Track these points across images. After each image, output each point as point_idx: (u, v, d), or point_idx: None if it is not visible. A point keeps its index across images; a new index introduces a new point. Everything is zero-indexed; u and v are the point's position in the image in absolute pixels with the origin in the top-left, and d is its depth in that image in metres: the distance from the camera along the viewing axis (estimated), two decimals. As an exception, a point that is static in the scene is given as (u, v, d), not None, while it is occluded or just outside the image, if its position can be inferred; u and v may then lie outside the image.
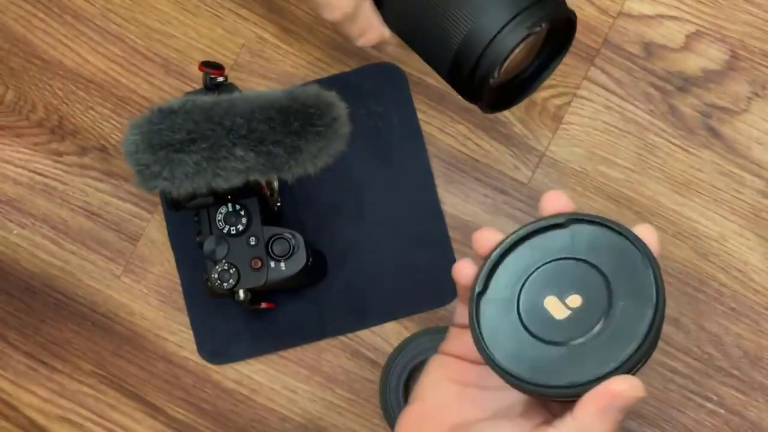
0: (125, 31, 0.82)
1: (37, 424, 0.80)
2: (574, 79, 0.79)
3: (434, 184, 0.79)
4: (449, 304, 0.79)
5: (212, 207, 0.69)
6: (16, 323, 0.81)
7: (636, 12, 0.79)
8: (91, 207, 0.81)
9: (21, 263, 0.81)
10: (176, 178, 0.62)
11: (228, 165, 0.62)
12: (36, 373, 0.80)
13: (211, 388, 0.80)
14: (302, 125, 0.62)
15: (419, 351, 0.77)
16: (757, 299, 0.77)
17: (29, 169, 0.82)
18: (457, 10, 0.58)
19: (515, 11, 0.57)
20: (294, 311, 0.79)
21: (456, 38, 0.58)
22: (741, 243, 0.78)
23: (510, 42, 0.57)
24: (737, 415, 0.77)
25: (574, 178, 0.79)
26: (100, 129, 0.82)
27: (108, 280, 0.81)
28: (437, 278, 0.79)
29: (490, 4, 0.57)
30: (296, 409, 0.79)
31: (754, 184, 0.78)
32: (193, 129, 0.61)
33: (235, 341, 0.79)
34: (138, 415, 0.80)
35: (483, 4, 0.57)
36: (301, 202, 0.80)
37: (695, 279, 0.78)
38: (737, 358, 0.77)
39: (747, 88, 0.78)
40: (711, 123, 0.78)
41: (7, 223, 0.82)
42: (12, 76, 0.83)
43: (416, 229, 0.79)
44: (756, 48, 0.78)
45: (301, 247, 0.70)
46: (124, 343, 0.80)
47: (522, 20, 0.57)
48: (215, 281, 0.69)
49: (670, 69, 0.79)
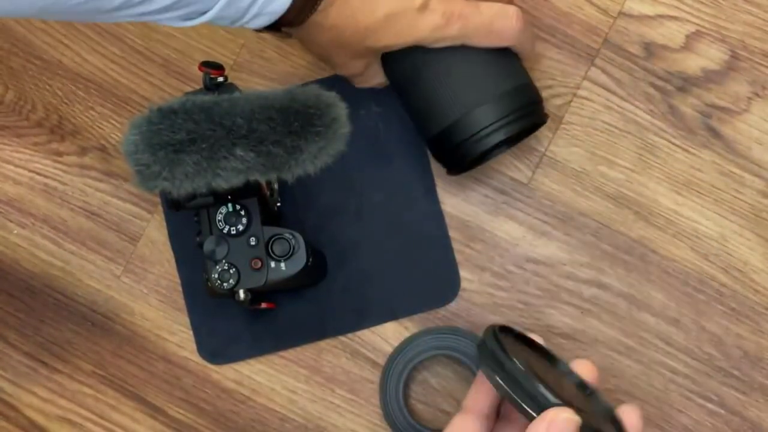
0: (125, 31, 0.82)
1: (37, 424, 0.80)
2: (574, 79, 0.79)
3: (434, 184, 0.79)
4: (449, 304, 0.79)
5: (212, 207, 0.69)
6: (16, 323, 0.81)
7: (636, 12, 0.79)
8: (91, 207, 0.81)
9: (21, 263, 0.81)
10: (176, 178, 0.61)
11: (228, 165, 0.61)
12: (36, 373, 0.80)
13: (211, 388, 0.80)
14: (302, 125, 0.62)
15: (419, 351, 0.77)
16: (757, 299, 0.77)
17: (29, 169, 0.82)
18: (456, 96, 0.69)
19: (501, 115, 0.69)
20: (294, 311, 0.79)
21: (444, 121, 0.70)
22: (741, 243, 0.78)
23: (491, 140, 0.69)
24: (737, 415, 0.77)
25: (574, 178, 0.79)
26: (100, 129, 0.82)
27: (108, 280, 0.81)
28: (437, 278, 0.79)
29: (482, 100, 0.69)
30: (296, 409, 0.79)
31: (754, 184, 0.78)
32: (193, 129, 0.61)
33: (235, 341, 0.79)
34: (138, 416, 0.80)
35: (477, 99, 0.69)
36: (301, 202, 0.80)
37: (695, 279, 0.78)
38: (737, 359, 0.77)
39: (747, 88, 0.78)
40: (711, 123, 0.78)
41: (7, 223, 0.82)
42: (12, 76, 0.83)
43: (416, 229, 0.79)
44: (756, 48, 0.78)
45: (301, 247, 0.70)
46: (124, 344, 0.80)
47: (506, 123, 0.69)
48: (215, 281, 0.69)
49: (670, 69, 0.79)
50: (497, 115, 0.69)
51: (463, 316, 0.79)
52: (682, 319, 0.77)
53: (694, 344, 0.77)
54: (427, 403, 0.79)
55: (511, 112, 0.69)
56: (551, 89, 0.79)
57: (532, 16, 0.80)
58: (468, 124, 0.69)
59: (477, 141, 0.69)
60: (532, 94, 0.71)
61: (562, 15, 0.79)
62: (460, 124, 0.69)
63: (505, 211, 0.79)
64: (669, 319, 0.78)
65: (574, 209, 0.79)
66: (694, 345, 0.77)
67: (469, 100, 0.69)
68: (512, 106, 0.69)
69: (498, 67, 0.70)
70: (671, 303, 0.78)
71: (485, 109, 0.69)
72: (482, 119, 0.69)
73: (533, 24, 0.79)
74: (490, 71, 0.69)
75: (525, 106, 0.70)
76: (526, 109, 0.70)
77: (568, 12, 0.79)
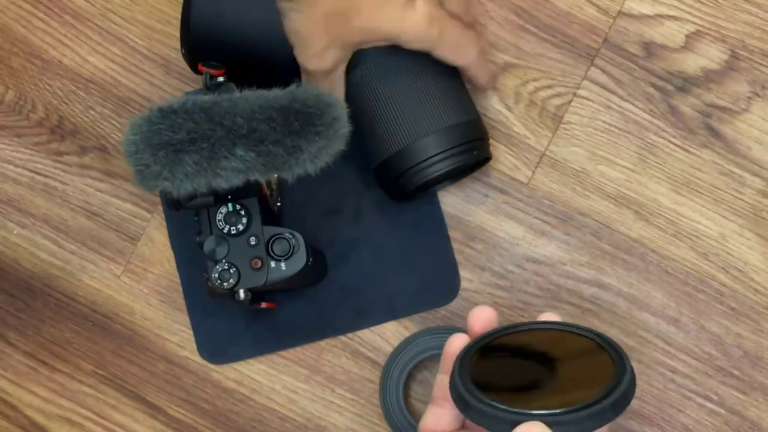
0: (125, 31, 0.82)
1: (37, 424, 0.80)
2: (574, 79, 0.79)
3: (434, 184, 0.79)
4: (449, 304, 0.79)
5: (212, 207, 0.69)
6: (16, 323, 0.81)
7: (636, 12, 0.79)
8: (91, 207, 0.81)
9: (21, 263, 0.81)
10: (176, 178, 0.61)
11: (228, 165, 0.61)
12: (36, 373, 0.80)
13: (211, 388, 0.80)
14: (302, 125, 0.62)
15: (419, 351, 0.77)
16: (757, 299, 0.77)
17: (29, 169, 0.82)
18: (400, 125, 0.70)
19: (444, 146, 0.69)
20: (294, 311, 0.79)
21: (389, 149, 0.70)
22: (741, 243, 0.78)
23: (433, 171, 0.70)
24: (737, 414, 0.77)
25: (574, 178, 0.79)
26: (100, 129, 0.82)
27: (108, 280, 0.81)
28: (437, 278, 0.79)
29: (427, 132, 0.69)
30: (296, 409, 0.79)
31: (754, 184, 0.78)
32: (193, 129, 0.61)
33: (235, 341, 0.79)
34: (138, 415, 0.80)
35: (421, 130, 0.69)
36: (301, 202, 0.80)
37: (695, 279, 0.78)
38: (737, 358, 0.77)
39: (747, 88, 0.78)
40: (711, 123, 0.78)
41: (7, 223, 0.82)
42: (12, 76, 0.83)
43: (416, 229, 0.79)
44: (756, 48, 0.78)
45: (301, 247, 0.70)
46: (125, 343, 0.80)
47: (447, 156, 0.69)
48: (215, 281, 0.69)
49: (670, 69, 0.79)
50: (441, 147, 0.69)
51: (463, 316, 0.79)
52: (681, 318, 0.77)
53: (694, 344, 0.77)
54: (427, 402, 0.79)
55: (455, 146, 0.70)
56: (551, 89, 0.79)
57: (532, 15, 0.80)
58: (411, 154, 0.70)
59: (418, 172, 0.70)
60: (479, 130, 0.72)
61: (562, 15, 0.79)
62: (403, 153, 0.70)
63: (505, 211, 0.79)
64: (669, 318, 0.78)
65: (574, 209, 0.79)
66: (693, 345, 0.77)
67: (415, 130, 0.69)
68: (457, 140, 0.70)
69: (448, 101, 0.71)
70: (671, 303, 0.78)
71: (429, 141, 0.69)
72: (425, 150, 0.69)
73: (526, 29, 0.79)
74: (440, 104, 0.70)
75: (470, 141, 0.71)
76: (471, 144, 0.71)
77: (568, 12, 0.79)
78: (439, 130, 0.69)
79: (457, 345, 0.59)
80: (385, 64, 0.70)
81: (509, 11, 0.80)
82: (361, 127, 0.71)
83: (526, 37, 0.80)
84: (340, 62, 0.70)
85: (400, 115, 0.70)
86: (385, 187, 0.74)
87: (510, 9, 0.80)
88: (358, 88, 0.71)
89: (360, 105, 0.71)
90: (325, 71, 0.70)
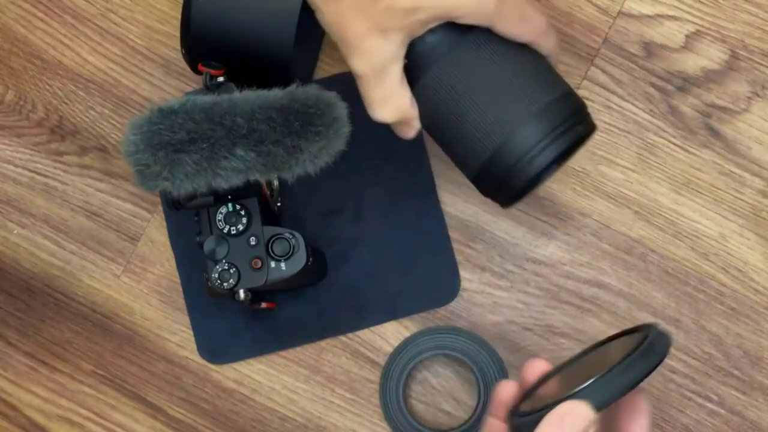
0: (125, 31, 0.82)
1: (37, 423, 0.80)
2: (574, 79, 0.79)
3: (434, 184, 0.79)
4: (449, 304, 0.79)
5: (212, 207, 0.69)
6: (16, 323, 0.81)
7: (636, 12, 0.79)
8: (91, 207, 0.81)
9: (21, 263, 0.81)
10: (176, 178, 0.61)
11: (228, 165, 0.62)
12: (36, 373, 0.80)
13: (211, 388, 0.80)
14: (302, 125, 0.62)
15: (419, 351, 0.77)
16: (757, 299, 0.77)
17: (29, 169, 0.82)
18: (491, 120, 0.61)
19: (547, 130, 0.60)
20: (294, 311, 0.79)
21: (486, 150, 0.61)
22: (741, 243, 0.78)
23: (542, 160, 0.61)
24: (737, 415, 0.77)
25: (574, 178, 0.79)
26: (100, 129, 0.82)
27: (108, 280, 0.81)
28: (437, 278, 0.79)
29: (522, 119, 0.60)
30: (296, 409, 0.79)
31: (754, 184, 0.78)
32: (193, 129, 0.61)
33: (235, 341, 0.79)
34: (138, 415, 0.80)
35: (516, 119, 0.60)
36: (301, 202, 0.80)
37: (695, 279, 0.78)
38: (737, 358, 0.77)
39: (747, 88, 0.78)
40: (711, 123, 0.78)
41: (7, 223, 0.82)
42: (12, 76, 0.83)
43: (416, 229, 0.79)
44: (756, 48, 0.78)
45: (301, 247, 0.70)
46: (125, 343, 0.80)
47: (553, 139, 0.61)
48: (215, 281, 0.69)
49: (670, 69, 0.79)
50: (543, 131, 0.61)
51: (463, 316, 0.79)
52: (682, 318, 0.77)
53: (694, 344, 0.77)
54: (427, 403, 0.79)
55: (557, 125, 0.61)
56: (551, 89, 0.79)
57: (532, 16, 0.80)
58: (512, 148, 0.61)
59: (526, 165, 0.61)
60: (576, 101, 0.64)
61: (562, 15, 0.79)
62: (503, 150, 0.61)
63: (505, 211, 0.79)
64: (669, 318, 0.78)
65: (574, 209, 0.79)
66: (694, 345, 0.77)
67: (509, 121, 0.61)
68: (558, 119, 0.61)
69: (534, 79, 0.62)
70: (671, 302, 0.78)
71: (529, 128, 0.60)
72: (527, 139, 0.60)
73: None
74: (527, 84, 0.61)
75: (571, 116, 0.62)
76: (574, 119, 0.62)
77: (568, 12, 0.79)
78: (536, 114, 0.60)
79: (508, 394, 0.57)
80: (451, 60, 0.61)
81: (509, 11, 0.80)
82: (444, 138, 0.64)
83: (526, 37, 0.80)
84: (390, 59, 0.61)
85: (487, 110, 0.61)
86: (491, 194, 0.65)
87: (510, 9, 0.80)
88: (429, 97, 0.63)
89: (436, 114, 0.63)
90: (375, 70, 0.61)
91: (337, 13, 0.60)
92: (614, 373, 0.50)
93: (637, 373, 0.50)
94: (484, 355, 0.77)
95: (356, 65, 0.61)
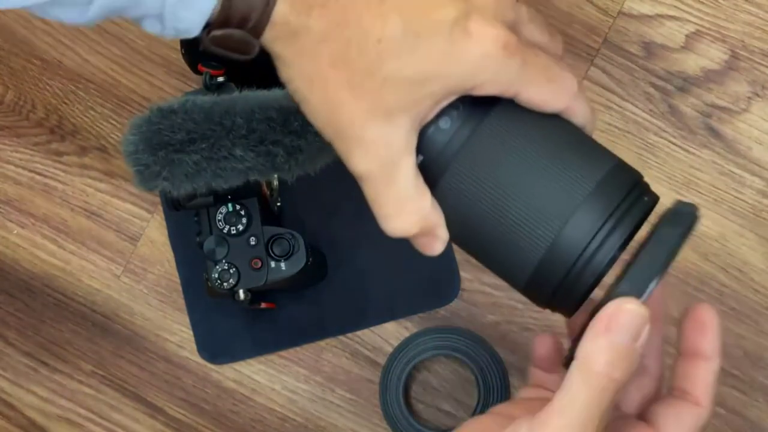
0: (125, 31, 0.82)
1: (37, 424, 0.80)
2: (574, 79, 0.79)
3: (434, 184, 0.79)
4: (449, 304, 0.79)
5: (212, 207, 0.69)
6: (16, 323, 0.81)
7: (636, 12, 0.79)
8: (91, 207, 0.81)
9: (21, 263, 0.81)
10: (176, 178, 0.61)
11: (228, 165, 0.61)
12: (36, 373, 0.80)
13: (211, 388, 0.80)
14: (302, 125, 0.62)
15: (419, 351, 0.77)
16: (758, 299, 0.77)
17: (29, 169, 0.82)
18: (535, 215, 0.47)
19: (606, 213, 0.47)
20: (294, 311, 0.79)
21: (534, 254, 0.47)
22: (741, 243, 0.78)
23: (608, 249, 0.47)
24: (738, 415, 0.77)
25: (574, 178, 0.79)
26: (100, 129, 0.82)
27: (108, 280, 0.81)
28: (437, 278, 0.79)
29: (574, 206, 0.47)
30: (296, 409, 0.79)
31: (754, 184, 0.78)
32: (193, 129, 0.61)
33: (235, 341, 0.79)
34: (138, 415, 0.80)
35: (567, 207, 0.47)
36: (301, 202, 0.80)
37: (695, 279, 0.77)
38: (738, 358, 0.77)
39: (747, 88, 0.78)
40: (711, 123, 0.78)
41: (7, 223, 0.82)
42: (12, 76, 0.83)
43: (416, 229, 0.79)
44: (756, 48, 0.78)
45: (301, 247, 0.70)
46: (124, 343, 0.80)
47: (616, 224, 0.47)
48: (215, 281, 0.69)
49: (670, 69, 0.79)
50: (602, 214, 0.47)
51: (463, 316, 0.79)
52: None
53: (694, 344, 0.77)
54: (427, 403, 0.79)
55: (619, 203, 0.48)
56: (551, 89, 0.79)
57: (532, 16, 0.80)
58: (568, 243, 0.47)
59: (589, 261, 0.47)
60: (629, 170, 0.50)
61: (562, 15, 0.79)
62: (556, 248, 0.47)
63: (505, 211, 0.79)
64: (669, 318, 0.77)
65: (574, 209, 0.79)
66: (694, 345, 0.77)
67: (557, 210, 0.47)
68: (618, 195, 0.48)
69: (578, 152, 0.48)
70: (671, 303, 0.78)
71: (583, 214, 0.47)
72: (585, 228, 0.47)
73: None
74: (570, 161, 0.47)
75: (631, 189, 0.48)
76: (635, 192, 0.49)
77: (568, 12, 0.79)
78: (589, 195, 0.47)
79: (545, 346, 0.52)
80: (475, 148, 0.48)
81: (509, 11, 0.80)
82: (479, 248, 0.51)
83: (526, 37, 0.80)
84: (400, 151, 0.48)
85: (529, 204, 0.47)
86: (548, 303, 0.50)
87: (510, 9, 0.80)
88: (454, 201, 0.49)
89: (467, 220, 0.49)
90: (383, 166, 0.48)
91: (326, 99, 0.48)
92: (647, 251, 0.43)
93: (669, 240, 0.43)
94: (484, 355, 0.77)
95: (359, 163, 0.49)
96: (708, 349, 0.49)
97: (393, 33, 0.44)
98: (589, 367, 0.42)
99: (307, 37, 0.45)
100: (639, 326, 0.43)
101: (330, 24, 0.44)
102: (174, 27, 0.45)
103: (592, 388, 0.42)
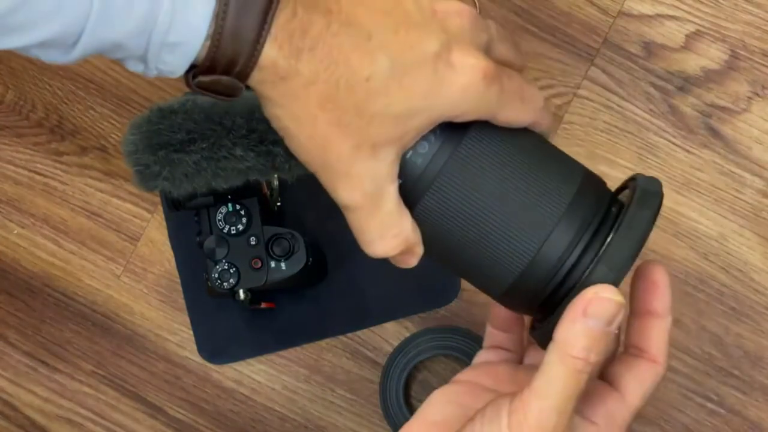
0: (125, 31, 0.82)
1: (37, 423, 0.80)
2: (574, 78, 0.79)
3: (434, 184, 0.79)
4: (449, 304, 0.79)
5: (212, 207, 0.69)
6: (16, 323, 0.81)
7: (636, 12, 0.79)
8: (91, 207, 0.81)
9: (21, 263, 0.81)
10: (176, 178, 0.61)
11: (228, 165, 0.61)
12: (36, 373, 0.80)
13: (211, 388, 0.80)
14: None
15: (419, 351, 0.77)
16: (758, 299, 0.77)
17: (29, 169, 0.82)
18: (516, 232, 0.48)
19: (587, 219, 0.48)
20: (294, 311, 0.79)
21: (515, 267, 0.49)
22: (741, 243, 0.78)
23: (582, 265, 0.48)
24: (737, 414, 0.77)
25: (574, 178, 0.79)
26: (100, 129, 0.82)
27: (108, 280, 0.81)
28: (437, 278, 0.79)
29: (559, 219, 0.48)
30: (296, 409, 0.79)
31: (754, 183, 0.78)
32: (193, 129, 0.61)
33: (235, 341, 0.79)
34: (138, 415, 0.80)
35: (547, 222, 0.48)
36: (301, 202, 0.80)
37: (695, 279, 0.78)
38: (737, 358, 0.77)
39: (747, 88, 0.78)
40: (711, 123, 0.78)
41: (7, 223, 0.82)
42: (12, 76, 0.83)
43: (416, 229, 0.79)
44: (756, 48, 0.78)
45: (301, 247, 0.70)
46: (125, 343, 0.80)
47: (598, 225, 0.48)
48: (215, 281, 0.69)
49: (670, 69, 0.79)
50: (579, 223, 0.48)
51: (463, 316, 0.79)
52: (682, 318, 0.77)
53: (694, 344, 0.77)
54: (427, 402, 0.79)
55: (595, 213, 0.48)
56: (551, 89, 0.79)
57: (532, 15, 0.80)
58: (549, 254, 0.48)
59: (573, 268, 0.48)
60: (598, 180, 0.51)
61: (562, 15, 0.79)
62: (539, 260, 0.48)
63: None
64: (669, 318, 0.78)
65: (574, 209, 0.79)
66: (694, 344, 0.77)
67: (539, 224, 0.48)
68: (593, 205, 0.48)
69: (550, 166, 0.49)
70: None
71: (564, 226, 0.48)
72: (565, 237, 0.48)
73: (526, 29, 0.79)
74: (544, 176, 0.49)
75: (604, 198, 0.50)
76: (609, 201, 0.50)
77: (568, 12, 0.79)
78: (567, 207, 0.48)
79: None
80: (453, 169, 0.49)
81: (509, 11, 0.80)
82: (459, 264, 0.53)
83: (526, 37, 0.80)
84: (384, 181, 0.50)
85: (508, 222, 0.48)
86: (524, 311, 0.52)
87: (510, 9, 0.80)
88: (434, 220, 0.51)
89: (447, 237, 0.52)
90: (369, 197, 0.51)
91: (314, 136, 0.48)
92: (620, 235, 0.44)
93: (641, 223, 0.44)
94: (484, 355, 0.77)
95: (346, 196, 0.51)
96: (660, 308, 0.51)
97: (381, 70, 0.45)
98: (567, 351, 0.44)
99: (296, 80, 0.45)
100: (615, 313, 0.44)
101: (319, 66, 0.45)
102: (157, 68, 0.46)
103: (570, 371, 0.44)
